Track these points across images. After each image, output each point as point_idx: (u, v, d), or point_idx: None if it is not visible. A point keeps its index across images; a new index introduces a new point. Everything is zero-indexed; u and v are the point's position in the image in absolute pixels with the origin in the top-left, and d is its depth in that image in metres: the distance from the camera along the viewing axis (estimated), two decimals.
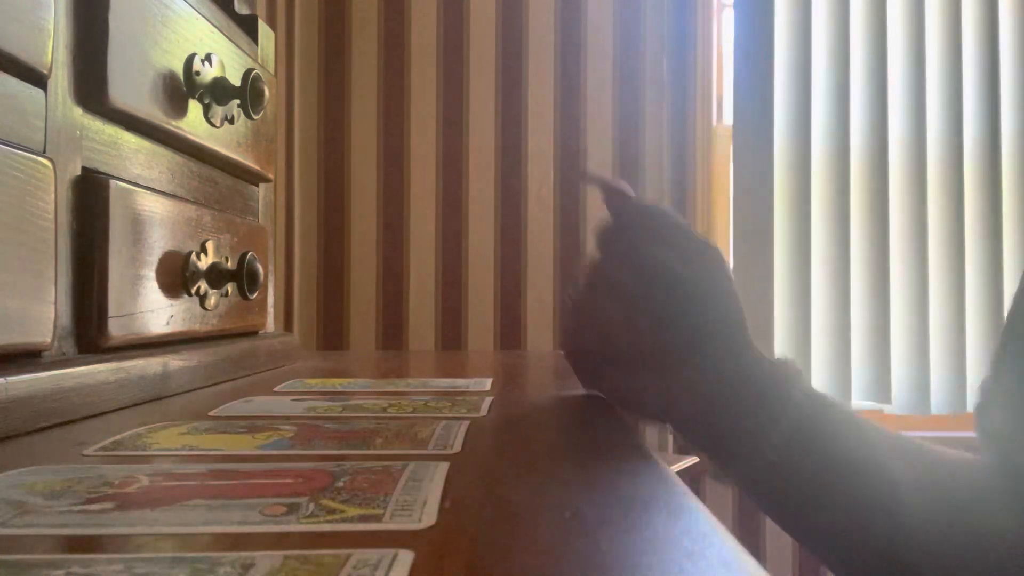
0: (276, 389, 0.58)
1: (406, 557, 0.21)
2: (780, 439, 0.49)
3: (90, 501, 0.27)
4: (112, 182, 0.50)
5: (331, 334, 1.88)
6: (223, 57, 0.65)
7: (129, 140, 0.54)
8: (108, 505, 0.27)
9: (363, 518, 0.25)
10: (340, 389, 0.58)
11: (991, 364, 0.53)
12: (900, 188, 1.88)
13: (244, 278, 0.65)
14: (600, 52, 1.90)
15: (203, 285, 0.61)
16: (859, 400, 1.87)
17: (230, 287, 0.65)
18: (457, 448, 0.36)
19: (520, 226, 1.88)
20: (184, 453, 0.36)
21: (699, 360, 0.51)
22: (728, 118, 1.94)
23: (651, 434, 1.78)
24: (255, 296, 0.67)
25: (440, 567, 0.22)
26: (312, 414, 0.46)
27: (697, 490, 1.80)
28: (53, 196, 0.44)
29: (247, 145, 0.73)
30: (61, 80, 0.47)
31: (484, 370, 0.78)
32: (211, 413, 0.47)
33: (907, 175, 1.88)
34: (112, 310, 0.50)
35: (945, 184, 1.88)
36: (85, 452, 0.36)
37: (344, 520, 0.25)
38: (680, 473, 1.60)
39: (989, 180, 1.88)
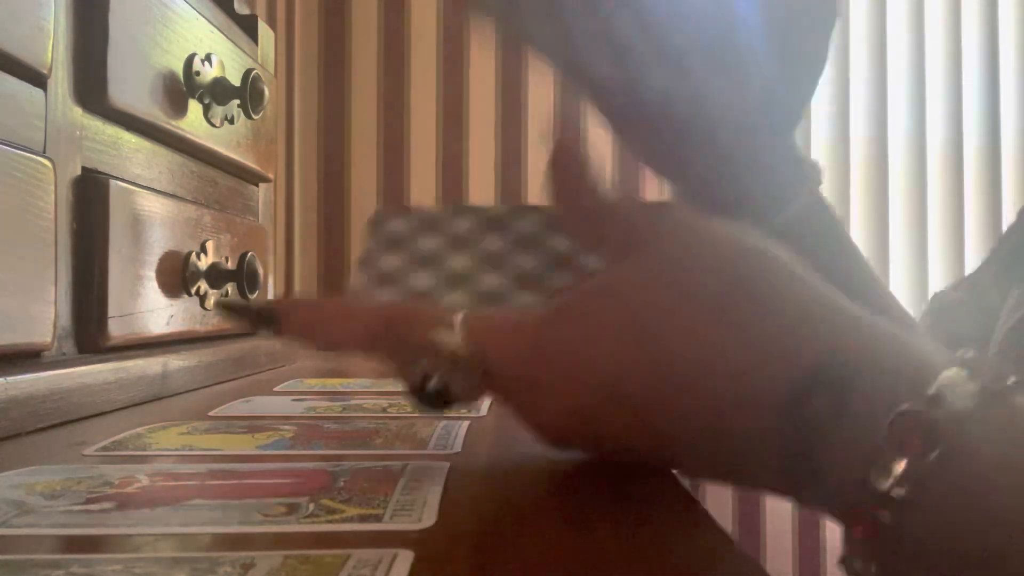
0: (276, 389, 0.58)
1: (406, 557, 0.21)
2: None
3: (90, 501, 0.27)
4: (112, 182, 0.50)
5: None
6: (223, 57, 0.65)
7: (129, 140, 0.54)
8: (108, 505, 0.27)
9: (363, 518, 0.25)
10: (340, 389, 0.58)
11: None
12: (901, 189, 1.89)
13: (244, 278, 0.65)
14: None
15: (203, 285, 0.61)
16: None
17: (230, 287, 0.65)
18: (457, 448, 0.36)
19: None
20: (184, 453, 0.36)
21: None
22: None
23: None
24: (255, 296, 0.67)
25: (440, 567, 0.22)
26: (312, 414, 0.46)
27: (696, 489, 1.79)
28: (53, 196, 0.44)
29: (247, 145, 0.73)
30: (61, 80, 0.47)
31: None
32: (211, 413, 0.47)
33: (908, 176, 1.88)
34: (112, 310, 0.50)
35: (946, 186, 1.89)
36: (85, 452, 0.36)
37: (344, 520, 0.25)
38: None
39: (989, 182, 1.88)
